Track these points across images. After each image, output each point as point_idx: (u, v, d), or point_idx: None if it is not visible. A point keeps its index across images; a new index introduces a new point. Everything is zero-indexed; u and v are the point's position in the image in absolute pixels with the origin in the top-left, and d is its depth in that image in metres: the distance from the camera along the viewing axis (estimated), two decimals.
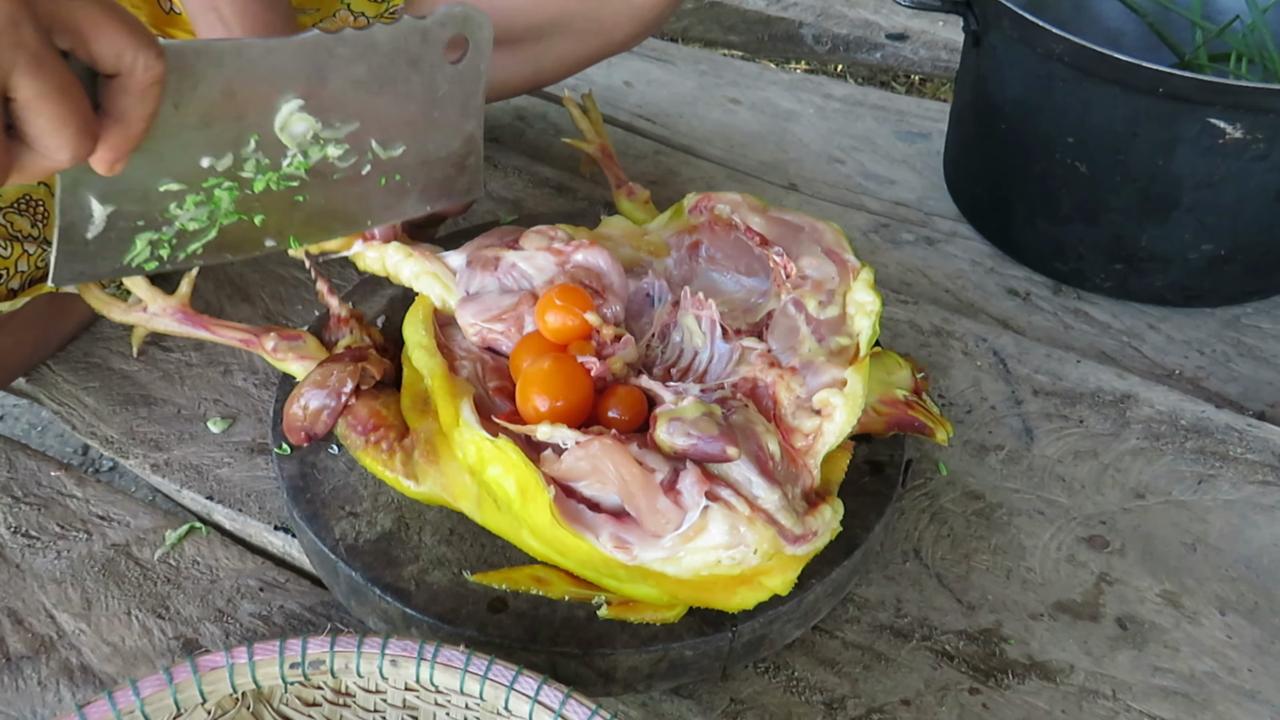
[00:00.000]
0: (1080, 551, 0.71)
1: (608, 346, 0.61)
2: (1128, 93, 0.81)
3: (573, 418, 0.59)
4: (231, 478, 0.72)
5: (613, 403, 0.61)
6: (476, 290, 0.67)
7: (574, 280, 0.63)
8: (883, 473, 0.68)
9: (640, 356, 0.63)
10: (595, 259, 0.65)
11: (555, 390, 0.59)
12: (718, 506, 0.54)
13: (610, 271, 0.64)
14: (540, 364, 0.60)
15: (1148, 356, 0.90)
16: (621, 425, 0.60)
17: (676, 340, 0.65)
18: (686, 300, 0.65)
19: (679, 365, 0.64)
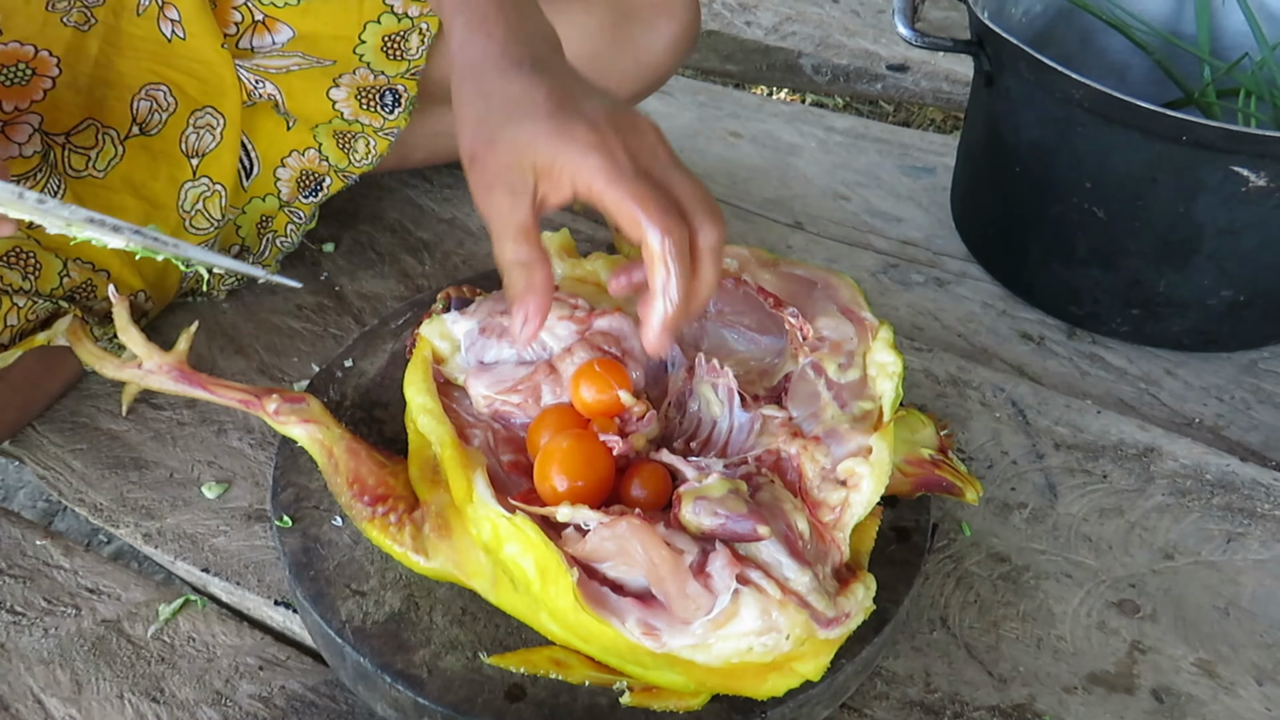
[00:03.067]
0: (1111, 617, 0.69)
1: (632, 423, 0.58)
2: (1148, 139, 0.79)
3: (593, 498, 0.56)
4: (228, 547, 0.69)
5: (637, 481, 0.58)
6: (492, 360, 0.64)
7: (594, 347, 0.61)
8: (909, 539, 0.66)
9: (660, 429, 0.60)
10: (619, 324, 0.62)
11: (576, 470, 0.56)
12: (749, 590, 0.52)
13: (633, 337, 0.62)
14: (560, 442, 0.57)
15: (1166, 404, 0.88)
16: (645, 504, 0.57)
17: (694, 409, 0.62)
18: (701, 367, 0.63)
19: (698, 437, 0.61)
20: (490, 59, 0.58)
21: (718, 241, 0.56)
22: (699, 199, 0.57)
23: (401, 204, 1.01)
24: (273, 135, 0.85)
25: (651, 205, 0.54)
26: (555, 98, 0.56)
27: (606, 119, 0.56)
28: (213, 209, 0.82)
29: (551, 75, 0.58)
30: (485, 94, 0.58)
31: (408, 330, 0.77)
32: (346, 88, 0.83)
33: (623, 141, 0.55)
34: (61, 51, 0.74)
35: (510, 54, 0.58)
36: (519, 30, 0.60)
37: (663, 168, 0.57)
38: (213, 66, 0.79)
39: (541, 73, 0.58)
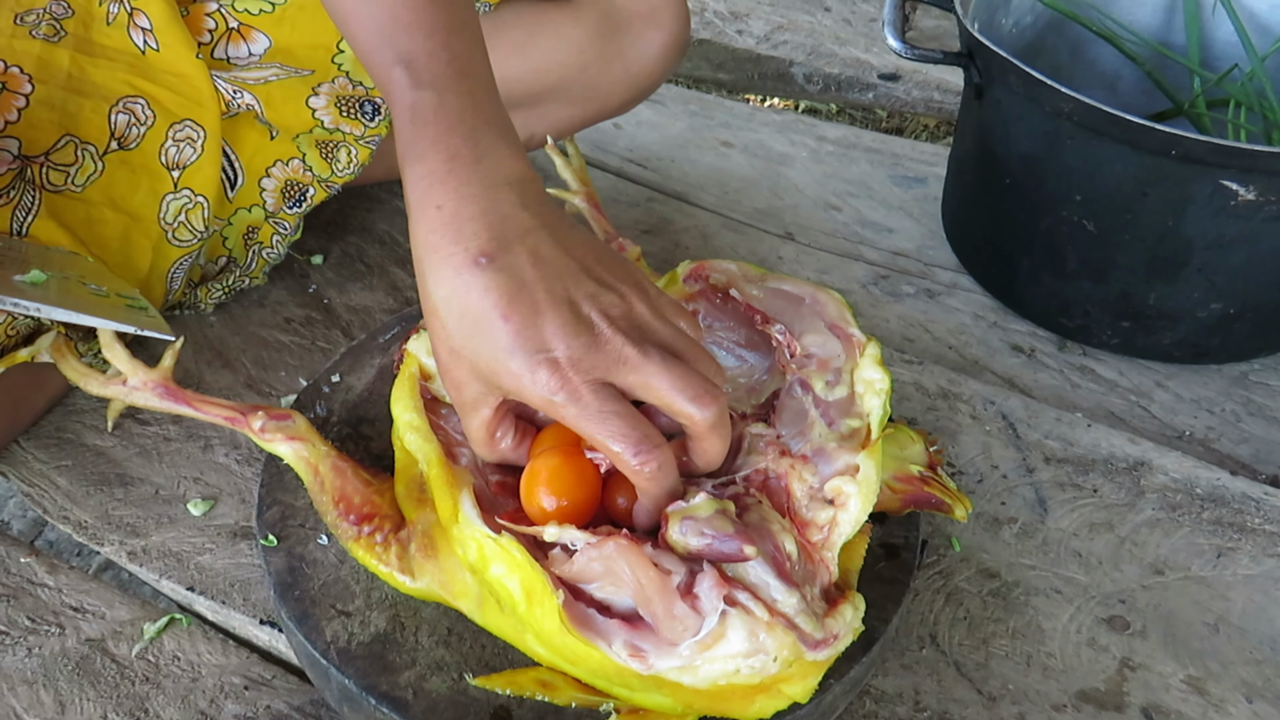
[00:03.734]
0: (1101, 634, 0.69)
1: None
2: (1139, 153, 0.79)
3: (580, 517, 0.56)
4: (213, 565, 0.69)
5: (622, 490, 0.58)
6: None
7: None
8: (898, 556, 0.66)
9: None
10: None
11: (563, 489, 0.56)
12: (736, 612, 0.51)
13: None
14: (547, 460, 0.57)
15: (1157, 417, 0.88)
16: (629, 513, 0.57)
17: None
18: None
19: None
20: (442, 246, 0.53)
21: (717, 417, 0.53)
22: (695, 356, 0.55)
23: (391, 215, 1.01)
24: (256, 145, 0.85)
25: (620, 440, 0.52)
26: (514, 321, 0.51)
27: (569, 341, 0.51)
28: (195, 221, 0.81)
29: (507, 274, 0.52)
30: (442, 296, 0.53)
31: (395, 345, 0.77)
32: (326, 96, 0.83)
33: (587, 368, 0.51)
34: (32, 67, 0.73)
35: (462, 239, 0.52)
36: (471, 198, 0.53)
37: (650, 335, 0.54)
38: (189, 79, 0.78)
39: (498, 271, 0.52)
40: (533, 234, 0.54)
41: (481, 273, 0.52)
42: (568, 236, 0.55)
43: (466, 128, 0.55)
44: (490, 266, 0.52)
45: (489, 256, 0.52)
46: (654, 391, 0.53)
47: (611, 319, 0.52)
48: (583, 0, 0.87)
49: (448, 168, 0.54)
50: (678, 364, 0.53)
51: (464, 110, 0.56)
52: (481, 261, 0.52)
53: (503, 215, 0.53)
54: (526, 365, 0.51)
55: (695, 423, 0.54)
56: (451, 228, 0.53)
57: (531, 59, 0.90)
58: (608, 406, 0.52)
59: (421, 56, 0.57)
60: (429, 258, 0.53)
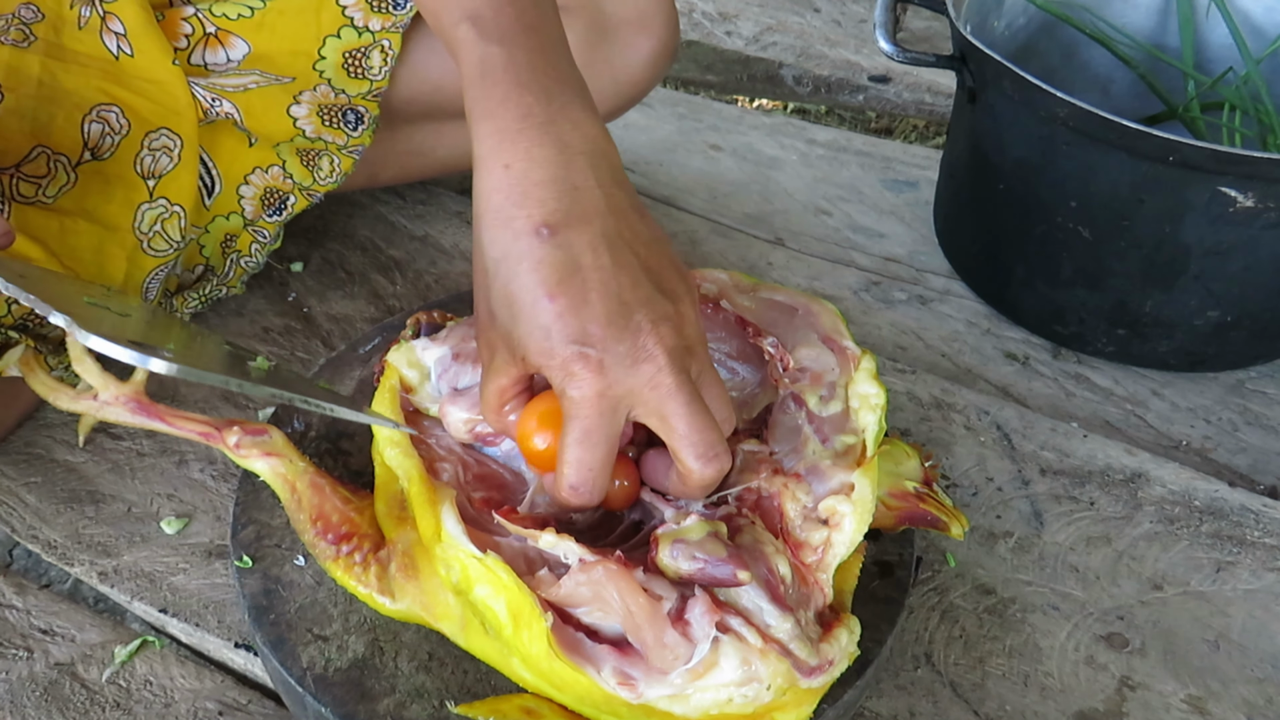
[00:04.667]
0: (1099, 652, 0.67)
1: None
2: (1135, 159, 0.78)
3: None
4: (187, 586, 0.66)
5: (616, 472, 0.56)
6: (467, 385, 0.61)
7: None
8: (893, 575, 0.64)
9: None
10: None
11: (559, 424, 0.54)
12: (729, 639, 0.50)
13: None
14: (542, 402, 0.55)
15: (1153, 426, 0.86)
16: (618, 499, 0.56)
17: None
18: None
19: None
20: (505, 208, 0.51)
21: (713, 480, 0.53)
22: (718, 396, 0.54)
23: (372, 221, 0.98)
24: (234, 152, 0.83)
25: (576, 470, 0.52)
26: (559, 302, 0.49)
27: (610, 344, 0.49)
28: (172, 230, 0.79)
29: (566, 252, 0.50)
30: (494, 257, 0.51)
31: (376, 356, 0.75)
32: (307, 105, 0.81)
33: (617, 378, 0.50)
34: (1, 75, 0.71)
35: (527, 204, 0.51)
36: (542, 161, 0.51)
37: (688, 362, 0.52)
38: (165, 86, 0.76)
39: (556, 247, 0.50)
40: (600, 217, 0.51)
41: (540, 244, 0.50)
42: (634, 227, 0.53)
43: (539, 85, 0.53)
44: (550, 240, 0.50)
45: (551, 229, 0.50)
46: (669, 430, 0.51)
47: (659, 334, 0.50)
48: (570, 6, 0.85)
49: (519, 126, 0.52)
50: (701, 408, 0.51)
51: (534, 66, 0.54)
52: (543, 232, 0.50)
53: (573, 186, 0.51)
54: (559, 351, 0.49)
55: (690, 479, 0.53)
56: (518, 190, 0.51)
57: None
58: (609, 430, 0.51)
59: (488, 11, 0.55)
60: (489, 217, 0.51)
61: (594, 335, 0.49)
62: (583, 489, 0.52)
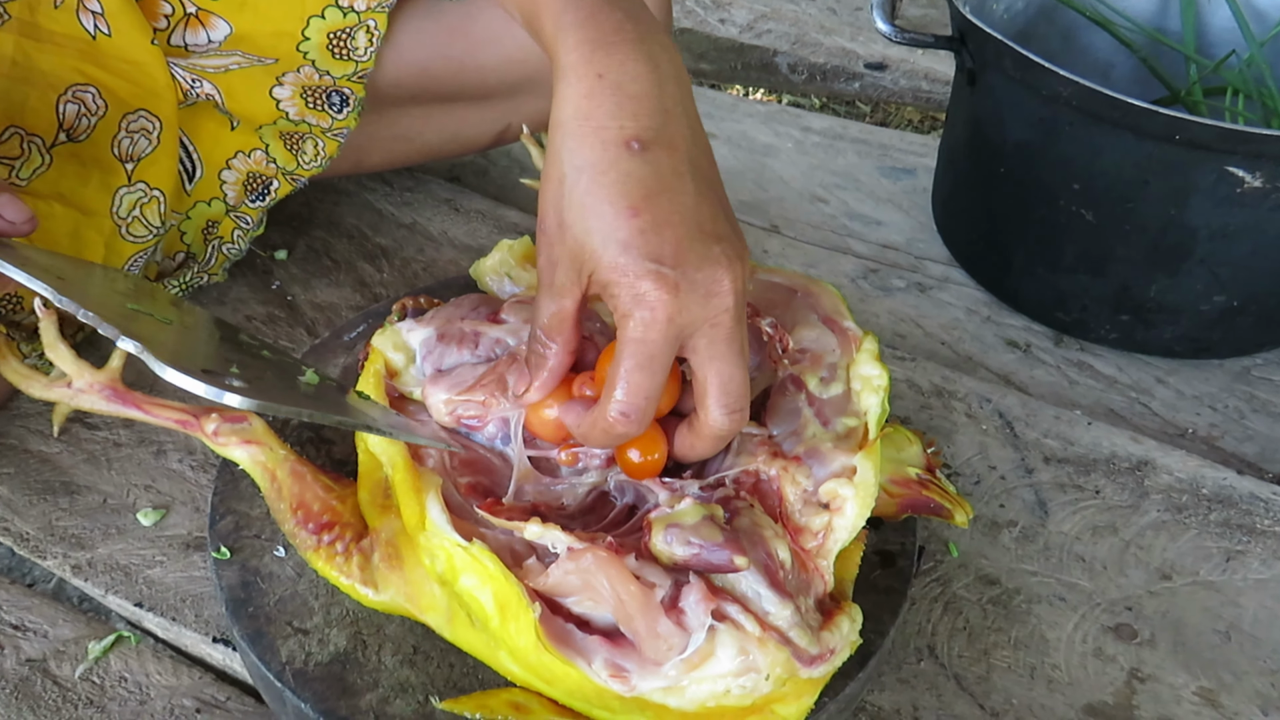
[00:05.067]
0: (1108, 644, 0.65)
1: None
2: (1140, 139, 0.76)
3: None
4: (164, 579, 0.64)
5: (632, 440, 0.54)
6: (451, 366, 0.59)
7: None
8: (894, 564, 0.62)
9: None
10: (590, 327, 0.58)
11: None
12: (725, 627, 0.47)
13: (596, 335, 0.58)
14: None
15: (1158, 414, 0.84)
16: (649, 468, 0.54)
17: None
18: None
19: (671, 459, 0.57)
20: (596, 115, 0.49)
21: (729, 436, 0.52)
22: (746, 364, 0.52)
23: (359, 208, 0.96)
24: (216, 136, 0.80)
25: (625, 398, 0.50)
26: (643, 218, 0.47)
27: (689, 270, 0.48)
28: (151, 216, 0.77)
29: (654, 169, 0.48)
30: (576, 164, 0.49)
31: (362, 343, 0.72)
32: (291, 86, 0.78)
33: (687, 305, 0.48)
34: None
35: (620, 115, 0.49)
36: (637, 76, 0.49)
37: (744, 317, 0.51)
38: (143, 66, 0.74)
39: (645, 163, 0.48)
40: (688, 145, 0.50)
41: (630, 157, 0.48)
42: (709, 163, 0.52)
43: (625, 5, 0.52)
44: (641, 155, 0.48)
45: (642, 144, 0.48)
46: (709, 372, 0.50)
47: (734, 273, 0.49)
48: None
49: (613, 39, 0.50)
50: (743, 361, 0.50)
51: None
52: (634, 145, 0.48)
53: (665, 109, 0.50)
54: (634, 267, 0.47)
55: (710, 428, 0.51)
56: (612, 99, 0.49)
57: (507, 48, 0.86)
58: (667, 358, 0.49)
59: None
60: (577, 124, 0.49)
61: (673, 257, 0.48)
62: (633, 415, 0.49)
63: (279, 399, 0.50)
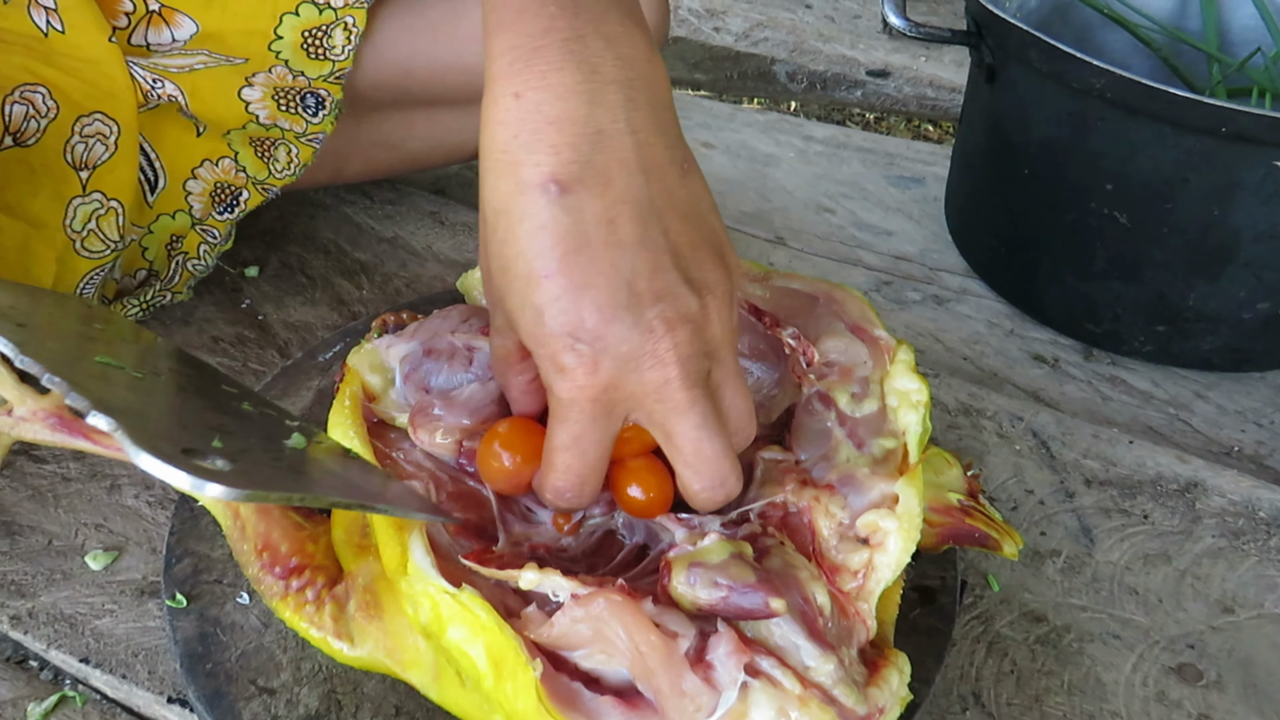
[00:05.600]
0: (1171, 686, 0.59)
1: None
2: (1180, 133, 0.70)
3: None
4: (114, 631, 0.57)
5: (629, 477, 0.48)
6: (446, 384, 0.53)
7: None
8: (935, 601, 0.56)
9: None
10: None
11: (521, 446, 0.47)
12: (760, 684, 0.41)
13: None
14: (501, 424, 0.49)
15: (1200, 431, 0.78)
16: (647, 506, 0.48)
17: None
18: None
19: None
20: (511, 150, 0.42)
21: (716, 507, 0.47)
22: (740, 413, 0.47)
23: (337, 222, 0.90)
24: (180, 143, 0.74)
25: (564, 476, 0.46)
26: (555, 282, 0.41)
27: (608, 344, 0.41)
28: (109, 229, 0.70)
29: (574, 218, 0.41)
30: (495, 207, 0.43)
31: (338, 364, 0.66)
32: (262, 87, 0.72)
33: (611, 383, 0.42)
34: None
35: (536, 148, 0.41)
36: (562, 92, 0.42)
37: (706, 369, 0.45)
38: (100, 65, 0.67)
39: (564, 211, 0.41)
40: (626, 175, 0.42)
41: (545, 204, 0.41)
42: (670, 191, 0.43)
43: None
44: (558, 200, 0.41)
45: (561, 186, 0.41)
46: (672, 448, 0.45)
47: (674, 338, 0.42)
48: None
49: (537, 43, 0.42)
50: (714, 429, 0.44)
51: None
52: (551, 189, 0.41)
53: (596, 130, 0.41)
54: (549, 340, 0.42)
55: (692, 502, 0.46)
56: (528, 127, 0.41)
57: None
58: (601, 435, 0.44)
59: None
60: (494, 159, 0.42)
61: (592, 330, 0.41)
62: (569, 495, 0.46)
63: (268, 481, 0.42)
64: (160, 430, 0.41)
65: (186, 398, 0.48)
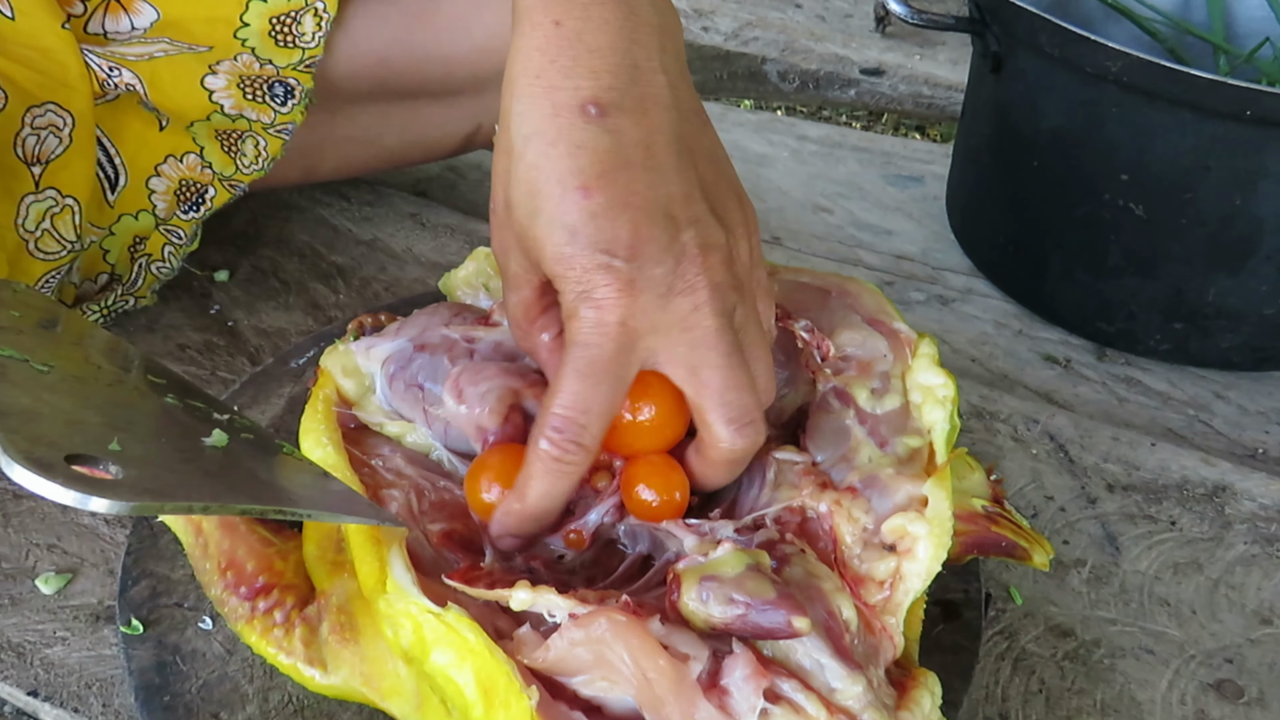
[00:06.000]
0: (1211, 704, 0.55)
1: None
2: (1201, 118, 0.67)
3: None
4: (65, 661, 0.52)
5: (642, 475, 0.44)
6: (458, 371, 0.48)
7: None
8: (959, 616, 0.51)
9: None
10: None
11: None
12: (781, 711, 0.36)
13: None
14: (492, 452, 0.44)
15: (1222, 433, 0.75)
16: (661, 511, 0.43)
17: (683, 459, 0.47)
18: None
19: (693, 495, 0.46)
20: (548, 74, 0.42)
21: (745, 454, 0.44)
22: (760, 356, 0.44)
23: (312, 225, 0.85)
24: (142, 137, 0.69)
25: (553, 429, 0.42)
26: (595, 199, 0.40)
27: (645, 264, 0.41)
28: (64, 228, 0.66)
29: (614, 140, 0.41)
30: (524, 133, 0.42)
31: (311, 370, 0.61)
32: (226, 75, 0.68)
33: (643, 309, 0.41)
34: None
35: (576, 72, 0.42)
36: (603, 24, 0.42)
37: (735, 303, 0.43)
38: (52, 53, 0.63)
39: (604, 132, 0.41)
40: (662, 110, 0.42)
41: (585, 125, 0.41)
42: (697, 132, 0.44)
43: None
44: (597, 122, 0.41)
45: (601, 109, 0.41)
46: (697, 384, 0.42)
47: (707, 264, 0.41)
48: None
49: None
50: (741, 362, 0.42)
51: None
52: (590, 111, 0.41)
53: (634, 64, 0.42)
54: (581, 258, 0.41)
55: (719, 451, 0.42)
56: (568, 54, 0.42)
57: (477, 36, 0.76)
58: (620, 370, 0.41)
59: None
60: (526, 83, 0.42)
61: (628, 247, 0.41)
62: (568, 433, 0.41)
63: (167, 489, 0.37)
64: (46, 434, 0.36)
65: (92, 392, 0.43)
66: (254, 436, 0.44)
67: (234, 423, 0.44)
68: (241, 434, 0.43)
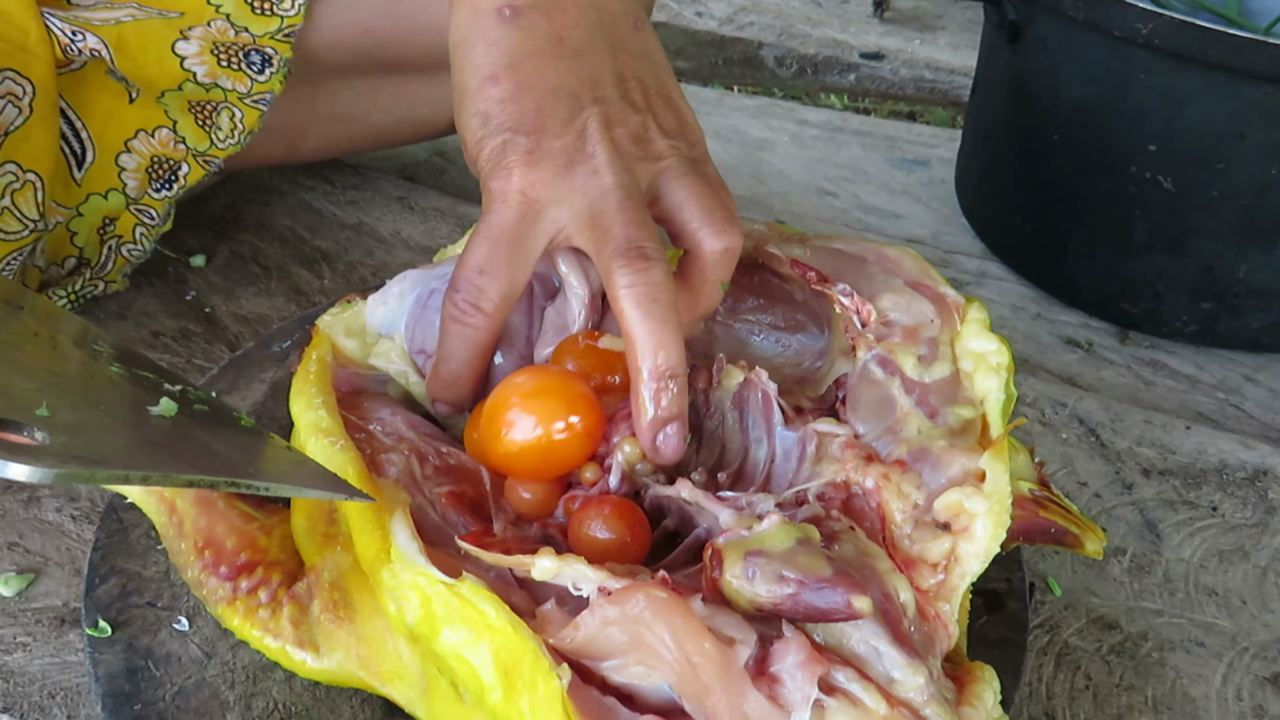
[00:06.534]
0: (1269, 699, 0.51)
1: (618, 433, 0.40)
2: (1238, 82, 0.63)
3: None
4: (27, 668, 0.47)
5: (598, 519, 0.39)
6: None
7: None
8: (1004, 608, 0.48)
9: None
10: None
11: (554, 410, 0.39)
12: (838, 704, 0.32)
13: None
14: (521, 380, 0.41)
15: (1254, 416, 0.71)
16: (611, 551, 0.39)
17: (714, 430, 0.43)
18: (719, 372, 0.44)
19: (725, 468, 0.42)
20: None
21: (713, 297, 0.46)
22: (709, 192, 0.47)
23: (294, 208, 0.81)
24: (111, 110, 0.65)
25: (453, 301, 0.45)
26: (500, 86, 0.44)
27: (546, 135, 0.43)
28: (25, 206, 0.61)
29: (524, 34, 0.45)
30: (453, 41, 0.46)
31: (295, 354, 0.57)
32: (199, 41, 0.63)
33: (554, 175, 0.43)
34: None
35: None
36: None
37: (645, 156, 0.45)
38: (9, 16, 0.58)
39: (515, 29, 0.45)
40: (578, 9, 0.46)
41: (498, 25, 0.45)
42: (625, 32, 0.47)
43: None
44: (510, 21, 0.45)
45: (515, 10, 0.45)
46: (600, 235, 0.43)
47: (609, 137, 0.44)
48: None
49: None
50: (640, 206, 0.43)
51: None
52: (505, 12, 0.45)
53: None
54: (491, 139, 0.44)
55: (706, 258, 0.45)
56: None
57: None
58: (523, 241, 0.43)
59: None
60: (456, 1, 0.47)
61: (531, 125, 0.44)
62: (466, 294, 0.43)
63: (101, 457, 0.33)
64: None
65: (23, 358, 0.38)
66: (208, 409, 0.40)
67: (187, 393, 0.40)
68: (194, 405, 0.39)
